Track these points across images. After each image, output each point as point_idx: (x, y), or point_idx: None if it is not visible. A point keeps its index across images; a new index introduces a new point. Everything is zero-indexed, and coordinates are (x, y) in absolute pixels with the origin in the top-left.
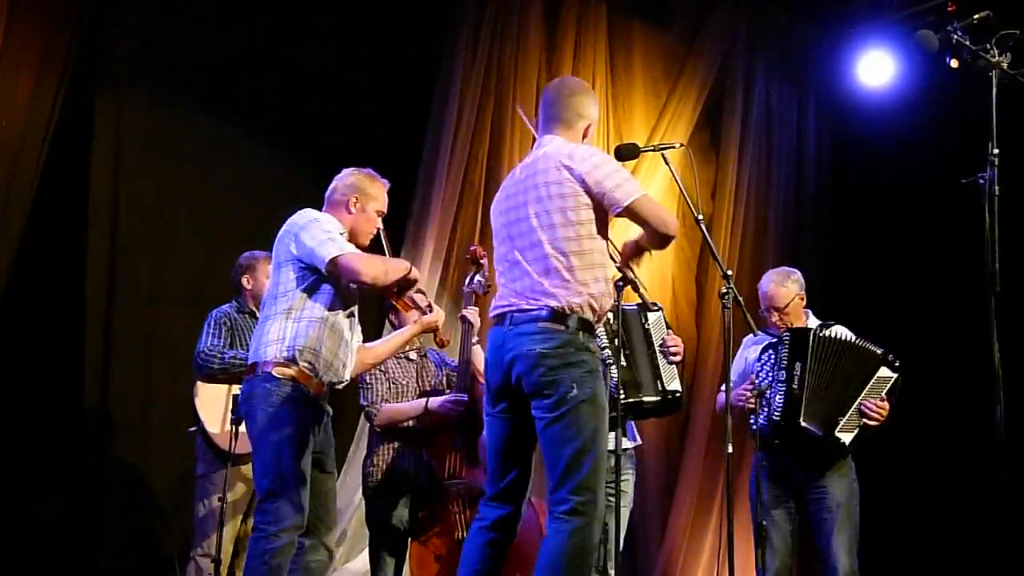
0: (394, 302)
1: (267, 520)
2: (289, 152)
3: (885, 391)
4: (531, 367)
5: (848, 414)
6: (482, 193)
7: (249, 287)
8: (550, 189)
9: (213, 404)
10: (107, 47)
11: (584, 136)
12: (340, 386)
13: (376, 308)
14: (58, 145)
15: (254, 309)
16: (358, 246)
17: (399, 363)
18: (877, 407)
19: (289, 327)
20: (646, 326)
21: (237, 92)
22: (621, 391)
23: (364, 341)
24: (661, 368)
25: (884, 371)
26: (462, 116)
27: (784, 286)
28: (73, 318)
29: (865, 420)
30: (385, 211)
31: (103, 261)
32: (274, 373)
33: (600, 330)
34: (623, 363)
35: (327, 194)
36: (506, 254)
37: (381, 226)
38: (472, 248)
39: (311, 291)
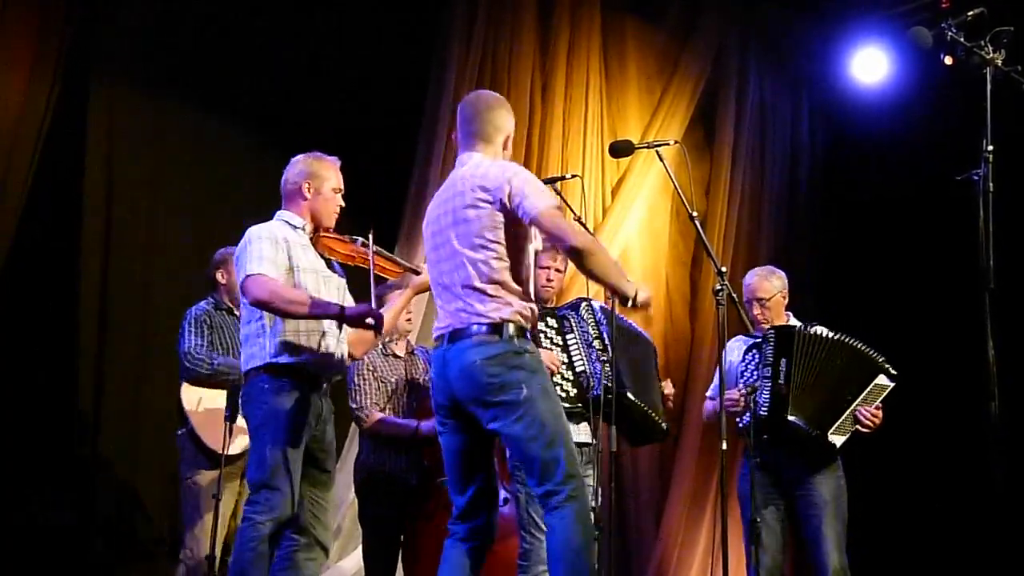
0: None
1: (257, 510)
2: (284, 150)
3: (881, 399)
4: (475, 377)
5: (843, 418)
6: None
7: (224, 282)
8: (467, 213)
9: (201, 405)
10: (101, 45)
11: (504, 148)
12: (340, 376)
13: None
14: (52, 143)
15: (231, 305)
16: (324, 229)
17: (387, 361)
18: (872, 415)
19: (267, 340)
20: (657, 363)
21: (230, 89)
22: (611, 381)
23: None
24: (658, 399)
25: (882, 379)
26: (455, 113)
27: (768, 280)
28: (67, 316)
29: (858, 427)
30: (341, 187)
31: (97, 259)
32: (264, 372)
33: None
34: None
35: (281, 187)
36: (438, 278)
37: (341, 203)
38: None
39: None
